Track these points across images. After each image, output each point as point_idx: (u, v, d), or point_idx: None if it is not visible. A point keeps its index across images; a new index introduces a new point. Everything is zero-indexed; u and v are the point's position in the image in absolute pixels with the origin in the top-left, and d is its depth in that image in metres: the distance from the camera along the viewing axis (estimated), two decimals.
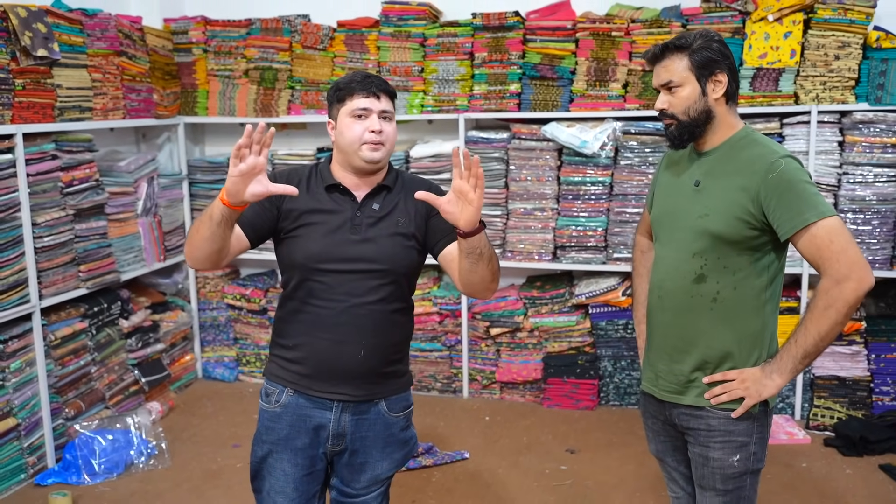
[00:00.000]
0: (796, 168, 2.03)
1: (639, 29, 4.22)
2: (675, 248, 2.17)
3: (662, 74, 2.11)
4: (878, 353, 4.15)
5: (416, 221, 2.22)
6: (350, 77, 2.19)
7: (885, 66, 3.94)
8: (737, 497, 2.17)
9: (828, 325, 1.98)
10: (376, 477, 2.29)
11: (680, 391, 2.18)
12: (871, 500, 3.45)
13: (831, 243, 1.96)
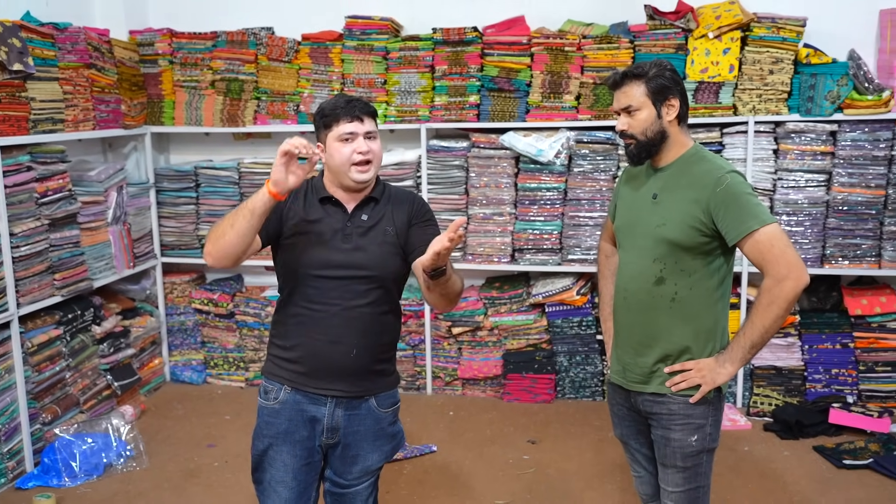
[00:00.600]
0: (740, 182, 2.32)
1: (590, 44, 4.49)
2: (637, 254, 2.43)
3: (622, 99, 2.37)
4: (811, 343, 4.51)
5: (401, 231, 2.42)
6: (334, 103, 2.36)
7: (814, 80, 4.29)
8: (695, 473, 2.43)
9: (771, 318, 2.26)
10: (367, 468, 2.49)
11: (644, 381, 2.44)
12: (807, 478, 3.78)
13: (772, 247, 2.24)
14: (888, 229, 4.33)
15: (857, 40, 4.42)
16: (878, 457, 3.88)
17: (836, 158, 4.34)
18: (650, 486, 2.62)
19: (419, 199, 2.50)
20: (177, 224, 5.12)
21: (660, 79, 2.34)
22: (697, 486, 2.44)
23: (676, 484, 2.44)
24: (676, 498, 2.45)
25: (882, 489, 3.66)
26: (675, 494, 2.45)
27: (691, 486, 2.44)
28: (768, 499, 3.59)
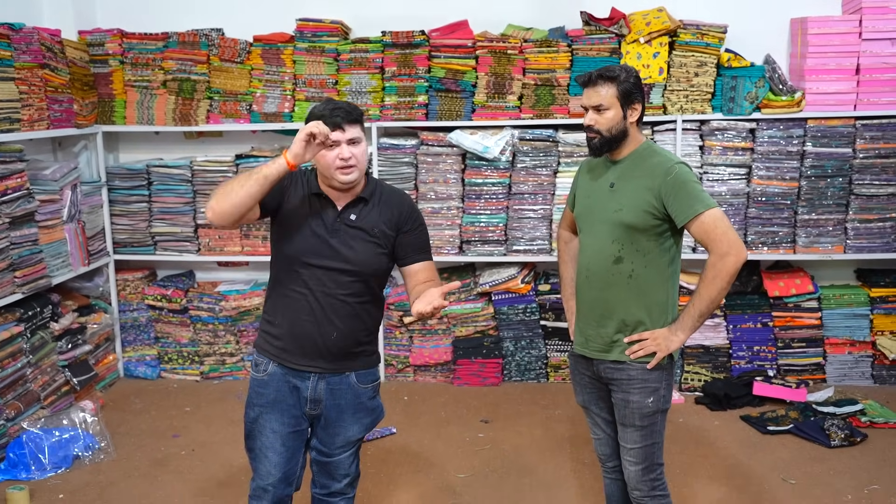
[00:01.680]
0: (687, 171, 2.64)
1: (531, 48, 4.79)
2: (597, 237, 2.71)
3: (594, 97, 2.64)
4: (735, 323, 4.92)
5: (387, 233, 2.63)
6: (320, 110, 2.53)
7: (734, 82, 4.68)
8: (651, 431, 2.72)
9: (716, 290, 2.58)
10: (348, 439, 2.71)
11: (606, 350, 2.72)
12: (736, 444, 4.17)
13: (716, 228, 2.55)
14: (801, 218, 4.77)
15: (771, 46, 4.85)
16: (798, 423, 4.30)
17: (755, 154, 4.75)
18: (608, 447, 2.91)
19: (408, 203, 2.70)
20: (129, 222, 5.19)
21: (628, 84, 2.63)
22: (653, 442, 2.73)
23: (635, 441, 2.72)
24: (635, 453, 2.73)
25: (802, 450, 4.07)
26: (633, 450, 2.73)
27: (648, 443, 2.72)
28: (703, 462, 3.95)
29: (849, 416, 4.34)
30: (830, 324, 4.89)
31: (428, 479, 3.87)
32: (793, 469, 3.87)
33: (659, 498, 2.76)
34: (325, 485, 2.78)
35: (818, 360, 4.90)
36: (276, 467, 2.66)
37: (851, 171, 4.71)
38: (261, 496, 2.69)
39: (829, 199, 4.74)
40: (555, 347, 5.03)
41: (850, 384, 4.87)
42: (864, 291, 4.91)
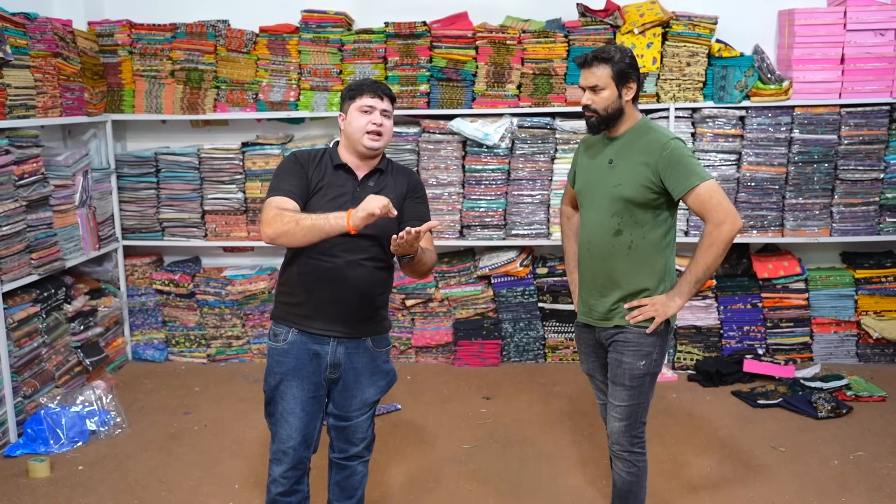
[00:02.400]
0: (682, 146, 2.79)
1: (529, 38, 4.95)
2: (598, 211, 2.87)
3: (590, 78, 2.80)
4: (726, 304, 5.11)
5: (399, 199, 2.80)
6: (361, 80, 2.79)
7: (725, 71, 4.87)
8: (638, 391, 2.86)
9: (712, 257, 2.74)
10: (365, 401, 2.88)
11: (607, 318, 2.88)
12: (727, 417, 4.35)
13: (711, 198, 2.71)
14: (789, 202, 4.96)
15: (760, 37, 5.04)
16: (786, 397, 4.48)
17: (745, 140, 4.93)
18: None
19: (416, 176, 2.94)
20: (137, 208, 5.33)
21: (623, 64, 2.77)
22: (639, 402, 2.88)
23: (622, 399, 2.88)
24: (621, 410, 2.88)
25: (791, 422, 4.26)
26: (620, 408, 2.88)
27: (634, 402, 2.87)
28: (697, 433, 4.13)
29: (835, 390, 4.53)
30: (817, 304, 5.08)
31: (434, 449, 4.03)
32: (782, 438, 4.06)
33: (637, 454, 2.91)
34: (343, 449, 2.93)
35: (805, 340, 5.09)
36: (296, 431, 2.80)
37: (837, 156, 4.90)
38: (281, 459, 2.83)
39: (815, 184, 4.93)
40: (552, 329, 5.20)
41: (836, 362, 5.07)
42: (849, 273, 5.10)
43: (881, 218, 4.95)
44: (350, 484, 2.98)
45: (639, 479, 2.93)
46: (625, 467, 2.92)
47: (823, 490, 3.54)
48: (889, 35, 4.78)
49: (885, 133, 4.86)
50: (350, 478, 2.97)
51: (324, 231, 2.56)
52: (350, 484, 2.98)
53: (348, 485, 2.98)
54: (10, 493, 3.66)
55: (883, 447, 3.94)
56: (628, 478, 2.92)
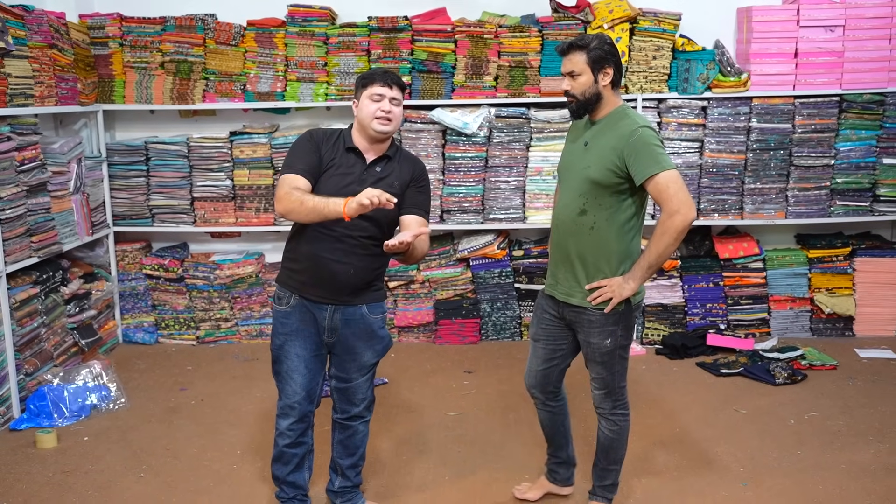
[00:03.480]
0: (650, 134, 2.92)
1: (505, 33, 5.24)
2: (568, 191, 3.06)
3: (567, 65, 3.01)
4: (690, 283, 5.45)
5: (402, 186, 3.04)
6: (373, 70, 3.03)
7: (688, 64, 5.20)
8: (611, 363, 3.08)
9: (664, 245, 2.87)
10: (363, 364, 3.13)
11: (570, 294, 3.06)
12: (693, 385, 4.68)
13: (668, 188, 2.83)
14: (748, 187, 5.31)
15: (720, 32, 5.39)
16: (746, 366, 4.83)
17: (707, 129, 5.27)
18: (535, 380, 3.26)
19: (422, 165, 3.15)
20: (127, 195, 5.50)
21: (598, 50, 2.94)
22: (613, 372, 3.10)
23: (598, 372, 3.12)
24: (599, 381, 3.13)
25: (751, 388, 4.60)
26: (597, 379, 3.13)
27: (608, 373, 3.10)
28: (666, 399, 4.45)
29: (791, 360, 4.89)
30: (774, 283, 5.45)
31: (422, 417, 4.30)
32: (743, 402, 4.39)
33: (619, 414, 3.17)
34: (345, 410, 3.20)
35: (763, 316, 5.45)
36: (301, 387, 3.06)
37: (791, 144, 5.27)
38: (288, 413, 3.09)
39: (772, 170, 5.29)
40: (528, 308, 5.49)
41: (792, 336, 5.44)
42: (803, 253, 5.47)
43: (832, 201, 5.33)
44: (352, 442, 3.25)
45: (620, 436, 3.19)
46: (608, 425, 3.18)
47: (781, 445, 3.88)
48: (838, 31, 5.15)
49: (835, 122, 5.24)
50: (352, 437, 3.24)
51: (322, 214, 2.81)
52: (352, 442, 3.25)
53: (350, 443, 3.25)
54: (20, 462, 3.84)
55: (834, 408, 4.30)
56: (611, 435, 3.18)
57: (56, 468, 3.77)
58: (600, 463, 3.23)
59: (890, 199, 5.31)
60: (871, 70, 5.18)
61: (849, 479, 3.54)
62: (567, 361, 3.24)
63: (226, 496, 3.50)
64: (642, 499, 3.42)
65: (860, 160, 5.27)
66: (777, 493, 3.42)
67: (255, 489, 3.55)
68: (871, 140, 5.26)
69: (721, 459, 3.74)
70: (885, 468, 3.63)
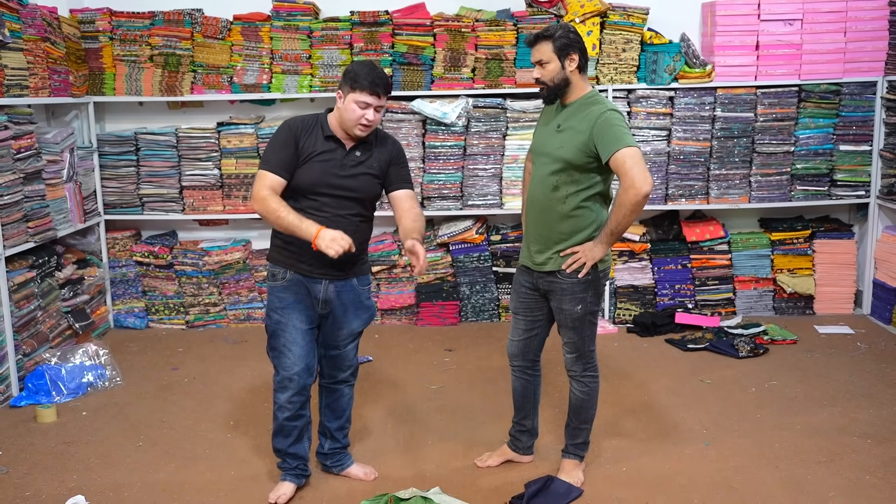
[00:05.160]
0: (617, 117, 3.16)
1: (482, 27, 5.48)
2: (542, 169, 3.29)
3: (536, 55, 3.24)
4: (659, 266, 5.72)
5: (382, 167, 3.25)
6: (365, 72, 3.05)
7: (655, 56, 5.47)
8: (581, 328, 3.31)
9: (621, 215, 3.10)
10: (352, 331, 3.36)
11: (544, 263, 3.31)
12: (661, 359, 4.95)
13: (625, 163, 3.05)
14: (713, 173, 5.59)
15: (686, 26, 5.67)
16: (712, 342, 5.10)
17: (674, 118, 5.55)
18: (517, 349, 3.50)
19: (398, 144, 3.33)
20: (118, 185, 5.68)
21: (563, 39, 3.18)
22: (583, 336, 3.34)
23: (570, 337, 3.35)
24: (570, 346, 3.36)
25: (716, 361, 4.87)
26: (569, 343, 3.36)
27: (579, 337, 3.33)
28: (636, 371, 4.71)
29: (754, 335, 5.17)
30: (738, 264, 5.73)
31: (405, 391, 4.53)
32: (708, 373, 4.66)
33: (589, 376, 3.40)
34: (332, 375, 3.43)
35: (729, 296, 5.74)
36: (299, 359, 3.21)
37: (753, 132, 5.55)
38: (287, 386, 3.22)
39: (735, 157, 5.57)
40: (505, 291, 5.74)
41: (756, 315, 5.72)
42: (766, 236, 5.76)
43: (792, 186, 5.62)
44: (339, 405, 3.47)
45: (590, 397, 3.44)
46: (579, 387, 3.43)
47: (742, 410, 4.15)
48: (797, 25, 5.44)
49: (795, 111, 5.53)
50: (339, 399, 3.46)
51: (294, 234, 3.04)
52: (339, 405, 3.47)
53: (337, 406, 3.47)
54: (23, 434, 4.02)
55: (793, 378, 4.58)
56: (581, 395, 3.43)
57: (58, 440, 3.96)
58: (572, 423, 3.48)
59: (846, 184, 5.62)
60: (827, 62, 5.47)
61: (803, 438, 3.81)
62: (546, 331, 3.49)
63: (221, 461, 3.71)
64: (611, 458, 3.67)
65: (818, 147, 5.57)
66: (736, 452, 3.69)
67: (249, 455, 3.76)
68: (829, 128, 5.57)
69: (686, 423, 4.01)
70: (837, 428, 3.91)
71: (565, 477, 3.43)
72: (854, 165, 5.59)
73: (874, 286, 5.64)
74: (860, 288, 5.77)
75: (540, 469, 3.55)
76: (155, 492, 3.44)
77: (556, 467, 3.52)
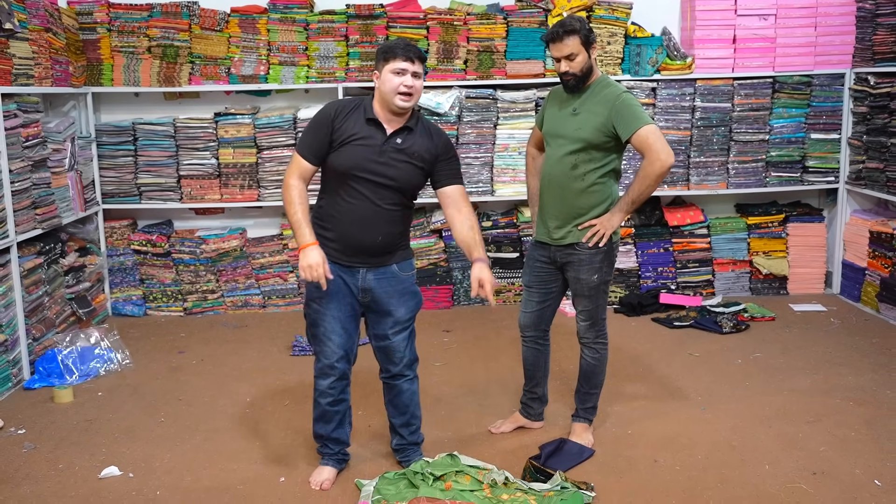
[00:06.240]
0: (631, 98, 3.42)
1: (473, 20, 5.68)
2: (560, 150, 3.51)
3: (563, 49, 3.40)
4: (643, 249, 5.98)
5: (427, 159, 3.16)
6: (395, 43, 3.09)
7: (639, 49, 5.73)
8: (595, 297, 3.57)
9: (645, 185, 3.38)
10: (397, 319, 3.26)
11: (563, 238, 3.54)
12: (650, 336, 5.21)
13: (648, 139, 3.34)
14: (693, 160, 5.87)
15: (667, 20, 5.95)
16: (696, 319, 5.38)
17: (657, 108, 5.81)
18: (530, 320, 3.72)
19: (445, 136, 3.26)
20: (116, 174, 5.77)
21: (586, 31, 3.41)
22: (597, 305, 3.59)
23: (584, 305, 3.60)
24: (584, 314, 3.60)
25: (701, 337, 5.15)
26: (583, 312, 3.60)
27: (593, 306, 3.59)
28: (627, 348, 4.96)
29: (735, 313, 5.46)
30: (717, 247, 6.02)
31: None
32: (695, 348, 4.93)
33: (600, 343, 3.66)
34: (387, 369, 3.36)
35: (708, 277, 6.03)
36: (339, 347, 3.20)
37: (731, 121, 5.85)
38: (328, 373, 3.22)
39: (714, 145, 5.86)
40: (496, 275, 5.95)
41: (734, 295, 6.02)
42: (743, 220, 6.06)
43: (767, 173, 5.93)
44: (400, 401, 3.40)
45: (600, 363, 3.68)
46: (590, 353, 3.66)
47: (731, 379, 4.42)
48: (771, 19, 5.75)
49: (769, 101, 5.84)
50: (398, 395, 3.39)
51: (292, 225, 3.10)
52: (400, 401, 3.40)
53: (398, 402, 3.40)
54: (43, 414, 4.12)
55: (775, 350, 4.87)
56: (593, 362, 3.67)
57: (79, 417, 4.07)
58: (583, 388, 3.71)
59: (817, 171, 5.95)
60: (799, 54, 5.79)
61: (790, 401, 4.09)
62: (557, 302, 3.71)
63: (245, 432, 3.86)
64: (617, 422, 3.90)
65: (791, 135, 5.89)
66: (732, 415, 3.95)
67: (272, 428, 3.91)
68: (801, 117, 5.89)
69: (681, 391, 4.26)
70: (820, 391, 4.21)
71: (576, 439, 3.65)
72: (824, 153, 5.93)
73: (843, 266, 5.98)
74: (830, 269, 6.11)
75: (550, 434, 3.77)
76: (185, 460, 3.58)
77: (565, 432, 3.75)
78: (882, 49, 5.46)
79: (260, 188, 5.79)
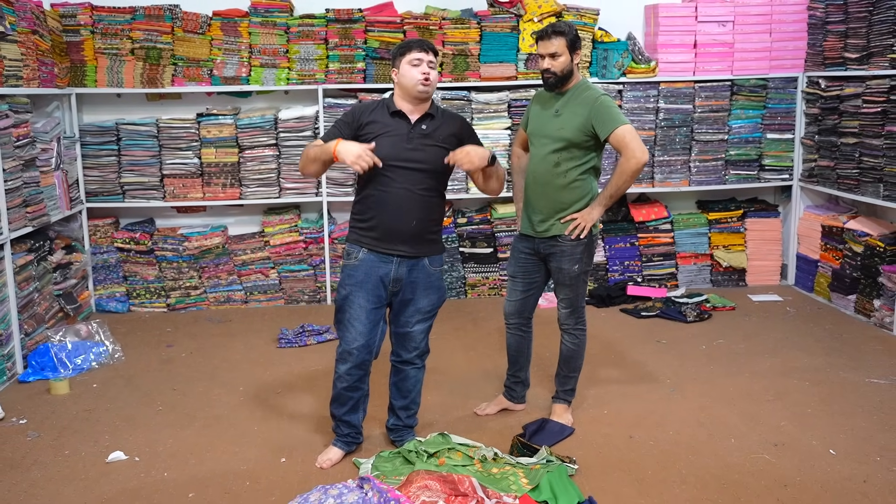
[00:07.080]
0: (609, 100, 3.67)
1: (448, 24, 5.92)
2: (544, 148, 3.76)
3: (549, 47, 3.65)
4: (610, 244, 6.28)
5: (452, 141, 3.41)
6: (408, 40, 3.43)
7: (605, 53, 6.02)
8: (575, 286, 3.84)
9: (622, 181, 3.65)
10: (419, 309, 3.49)
11: (547, 230, 3.79)
12: (620, 325, 5.50)
13: (624, 138, 3.60)
14: (657, 159, 6.18)
15: (632, 25, 6.24)
16: (662, 309, 5.69)
17: (623, 110, 6.10)
18: (514, 308, 3.96)
19: (463, 119, 3.56)
20: (99, 173, 5.89)
21: (573, 35, 3.65)
22: (577, 294, 3.86)
23: (565, 294, 3.86)
24: (565, 302, 3.86)
25: (667, 325, 5.46)
26: (564, 300, 3.86)
27: (573, 294, 3.85)
28: (598, 336, 5.23)
29: (698, 303, 5.78)
30: (680, 241, 6.35)
31: None
32: (663, 335, 5.24)
33: (579, 329, 3.91)
34: (399, 354, 3.59)
35: (672, 270, 6.34)
36: (360, 335, 3.38)
37: (693, 122, 6.17)
38: (346, 358, 3.42)
39: (677, 145, 6.18)
40: (472, 269, 6.20)
41: (696, 287, 6.35)
42: (704, 216, 6.39)
43: (726, 171, 6.27)
44: (405, 385, 3.64)
45: (579, 348, 3.94)
46: (570, 339, 3.92)
47: (696, 362, 4.73)
48: (729, 26, 6.08)
49: (728, 103, 6.18)
50: (405, 380, 3.62)
51: (317, 154, 3.28)
52: (405, 385, 3.64)
53: (403, 386, 3.64)
54: (41, 405, 4.25)
55: (736, 337, 5.19)
56: (572, 346, 3.93)
57: (78, 408, 4.21)
58: (562, 371, 3.97)
59: (773, 169, 6.30)
60: (756, 59, 6.13)
61: (752, 382, 4.41)
62: (540, 291, 3.96)
63: (243, 419, 4.04)
64: (594, 403, 4.17)
65: (748, 135, 6.23)
66: (699, 395, 4.25)
67: (269, 413, 4.10)
68: (757, 118, 6.23)
69: (652, 374, 4.55)
70: (780, 373, 4.53)
71: (557, 418, 3.91)
72: (779, 152, 6.28)
73: (798, 259, 6.34)
74: (785, 261, 6.47)
75: (532, 415, 4.02)
76: (188, 445, 3.75)
77: (546, 412, 4.01)
78: (832, 54, 5.83)
79: (242, 187, 5.95)
